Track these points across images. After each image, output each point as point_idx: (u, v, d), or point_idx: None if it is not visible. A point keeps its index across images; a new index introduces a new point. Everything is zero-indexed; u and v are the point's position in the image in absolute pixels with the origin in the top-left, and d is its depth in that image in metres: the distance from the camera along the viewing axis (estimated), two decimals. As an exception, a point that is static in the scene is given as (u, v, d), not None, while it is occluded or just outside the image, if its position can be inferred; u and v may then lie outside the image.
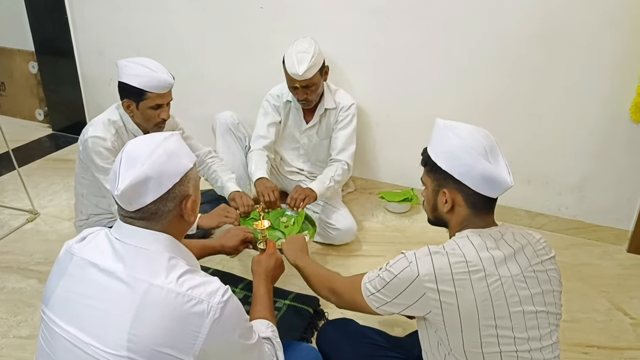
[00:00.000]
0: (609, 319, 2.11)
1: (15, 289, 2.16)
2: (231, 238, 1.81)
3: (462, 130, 1.25)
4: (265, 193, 2.24)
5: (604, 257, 2.51)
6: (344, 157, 2.47)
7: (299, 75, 2.26)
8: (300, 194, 2.25)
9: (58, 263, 1.12)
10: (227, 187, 2.28)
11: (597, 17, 2.29)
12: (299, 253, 1.66)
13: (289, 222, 2.25)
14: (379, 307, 1.28)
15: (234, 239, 1.81)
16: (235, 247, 1.81)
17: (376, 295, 1.27)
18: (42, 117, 3.82)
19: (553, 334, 1.23)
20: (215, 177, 2.35)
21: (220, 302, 1.02)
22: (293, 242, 1.72)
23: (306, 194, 2.26)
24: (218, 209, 2.09)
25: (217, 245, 1.79)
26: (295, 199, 2.23)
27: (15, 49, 3.72)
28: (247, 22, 2.90)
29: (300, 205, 2.22)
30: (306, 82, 2.31)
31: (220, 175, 2.33)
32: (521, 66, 2.47)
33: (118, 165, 1.06)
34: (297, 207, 2.22)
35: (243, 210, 2.16)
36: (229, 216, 2.05)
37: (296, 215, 2.25)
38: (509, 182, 1.21)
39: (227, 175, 2.33)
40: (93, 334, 1.00)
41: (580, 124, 2.48)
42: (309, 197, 2.26)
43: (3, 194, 2.88)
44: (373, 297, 1.28)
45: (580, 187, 2.60)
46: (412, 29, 2.59)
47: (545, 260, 1.26)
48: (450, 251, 1.20)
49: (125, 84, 1.95)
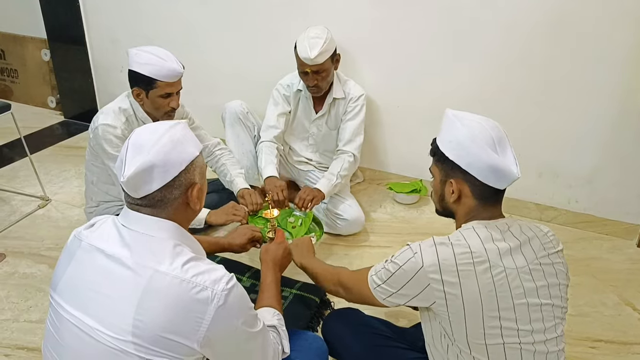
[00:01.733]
0: (618, 313, 2.10)
1: (27, 274, 2.19)
2: (239, 236, 1.83)
3: (471, 121, 1.25)
4: (274, 192, 2.25)
5: (614, 251, 2.49)
6: (350, 148, 2.46)
7: (310, 60, 2.26)
8: (309, 194, 2.26)
9: (66, 249, 1.14)
10: (236, 183, 2.29)
11: (609, 7, 2.25)
12: (305, 254, 1.68)
13: (297, 222, 2.27)
14: (386, 298, 1.29)
15: (242, 238, 1.83)
16: (242, 245, 1.83)
17: (382, 287, 1.28)
18: (54, 105, 3.86)
19: (558, 327, 1.23)
20: (224, 170, 2.36)
21: (224, 290, 1.03)
22: (300, 245, 1.74)
23: (314, 194, 2.27)
24: (227, 206, 2.11)
25: (225, 243, 1.82)
26: (304, 199, 2.24)
27: (28, 36, 3.75)
28: (258, 12, 2.89)
29: (308, 206, 2.24)
30: (317, 68, 2.31)
31: (230, 169, 2.34)
32: (531, 57, 2.44)
33: (124, 153, 1.07)
34: (305, 208, 2.24)
35: (252, 208, 2.18)
36: (237, 214, 2.08)
37: (304, 217, 2.27)
38: (515, 174, 1.20)
39: (236, 170, 2.34)
40: (99, 319, 1.02)
41: (591, 117, 2.45)
42: (316, 197, 2.27)
43: (15, 180, 2.92)
44: (379, 288, 1.29)
45: (591, 181, 2.57)
46: (423, 19, 2.57)
47: (552, 254, 1.26)
48: (455, 242, 1.20)
49: (136, 72, 1.95)
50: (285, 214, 2.29)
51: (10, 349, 1.82)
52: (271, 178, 2.34)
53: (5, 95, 3.94)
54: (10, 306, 2.01)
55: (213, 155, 2.40)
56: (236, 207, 2.12)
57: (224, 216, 2.09)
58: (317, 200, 2.28)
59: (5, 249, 2.33)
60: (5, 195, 2.78)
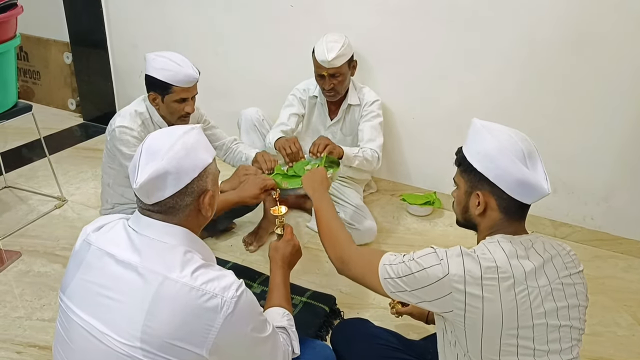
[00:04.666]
0: (631, 334, 2.06)
1: (41, 273, 2.22)
2: (250, 187, 1.73)
3: (500, 132, 1.22)
4: (287, 146, 2.21)
5: (629, 270, 2.45)
6: (372, 146, 2.43)
7: (327, 62, 2.28)
8: (323, 140, 2.21)
9: (75, 252, 1.14)
10: (250, 156, 2.28)
11: (625, 20, 2.23)
12: (317, 186, 1.63)
13: (314, 167, 2.15)
14: (395, 292, 1.24)
15: (253, 188, 1.73)
16: (254, 195, 1.73)
17: (395, 281, 1.23)
18: (74, 107, 3.91)
19: (574, 349, 1.20)
20: (240, 156, 2.35)
21: (233, 297, 1.03)
22: (313, 175, 1.68)
23: (328, 141, 2.21)
24: (237, 169, 2.04)
25: (235, 197, 1.72)
26: (318, 144, 2.18)
27: (51, 39, 3.82)
28: (276, 20, 2.92)
29: (321, 150, 2.16)
30: (334, 71, 2.32)
31: (245, 152, 2.34)
32: (549, 71, 2.42)
33: (138, 158, 1.08)
34: (319, 153, 2.16)
35: (266, 167, 2.13)
36: (248, 172, 1.99)
37: (319, 162, 2.16)
38: (546, 190, 1.17)
39: (252, 150, 2.34)
40: (108, 324, 1.02)
41: (607, 133, 2.43)
42: (331, 145, 2.20)
43: (33, 180, 2.97)
44: (391, 281, 1.24)
45: (607, 198, 2.54)
46: (441, 30, 2.57)
47: (573, 274, 1.23)
48: (481, 255, 1.17)
49: (152, 77, 1.98)
50: (302, 165, 2.18)
51: (23, 347, 1.85)
52: (280, 139, 2.30)
53: (27, 97, 4.01)
54: (24, 304, 2.04)
55: (230, 150, 2.40)
56: (246, 168, 2.03)
57: (236, 179, 1.99)
58: (332, 148, 2.19)
59: (21, 248, 2.37)
60: (23, 194, 2.83)
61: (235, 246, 2.46)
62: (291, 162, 2.20)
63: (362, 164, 2.37)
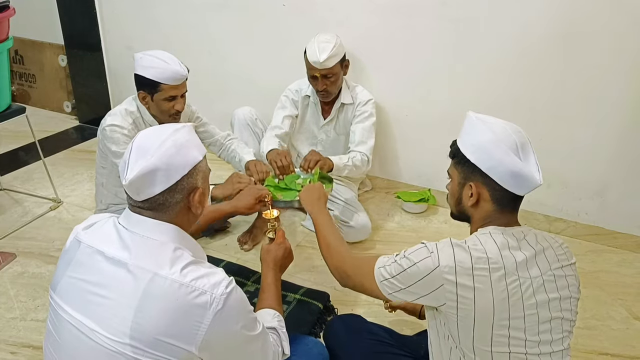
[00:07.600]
0: (626, 327, 2.07)
1: (36, 274, 2.22)
2: (244, 197, 1.74)
3: (494, 124, 1.24)
4: (278, 159, 2.22)
5: (623, 264, 2.45)
6: (362, 149, 2.44)
7: (319, 63, 2.28)
8: (314, 155, 2.22)
9: (65, 250, 1.15)
10: (243, 159, 2.30)
11: (618, 17, 2.24)
12: (315, 202, 1.65)
13: (305, 183, 2.19)
14: (392, 293, 1.25)
15: (248, 198, 1.74)
16: (249, 206, 1.74)
17: (390, 281, 1.25)
18: (69, 109, 3.92)
19: (565, 340, 1.21)
20: (233, 154, 2.37)
21: (223, 294, 1.03)
22: (311, 191, 1.70)
23: (320, 157, 2.22)
24: (230, 177, 2.06)
25: (228, 208, 1.73)
26: (309, 160, 2.20)
27: (46, 42, 3.82)
28: (269, 19, 2.92)
29: (313, 166, 2.17)
30: (326, 72, 2.32)
31: (239, 151, 2.35)
32: (542, 67, 2.43)
33: (128, 155, 1.08)
34: (310, 169, 2.18)
35: (257, 177, 2.14)
36: (242, 182, 2.00)
37: (311, 177, 2.19)
38: (537, 181, 1.19)
39: (244, 150, 2.35)
40: (98, 321, 1.02)
41: (601, 128, 2.43)
42: (322, 160, 2.21)
43: (29, 182, 2.97)
44: (387, 282, 1.25)
45: (601, 193, 2.55)
46: (433, 28, 2.57)
47: (565, 266, 1.24)
48: (472, 246, 1.17)
49: (140, 76, 1.99)
50: (293, 179, 2.21)
51: (17, 347, 1.85)
52: (272, 150, 2.31)
53: (23, 100, 4.01)
54: (19, 305, 2.05)
55: (224, 147, 2.41)
56: (240, 176, 2.04)
57: (229, 186, 1.99)
58: (323, 163, 2.21)
59: (17, 249, 2.37)
60: (18, 196, 2.83)
61: (229, 245, 2.46)
62: (282, 174, 2.21)
63: (352, 171, 2.40)
